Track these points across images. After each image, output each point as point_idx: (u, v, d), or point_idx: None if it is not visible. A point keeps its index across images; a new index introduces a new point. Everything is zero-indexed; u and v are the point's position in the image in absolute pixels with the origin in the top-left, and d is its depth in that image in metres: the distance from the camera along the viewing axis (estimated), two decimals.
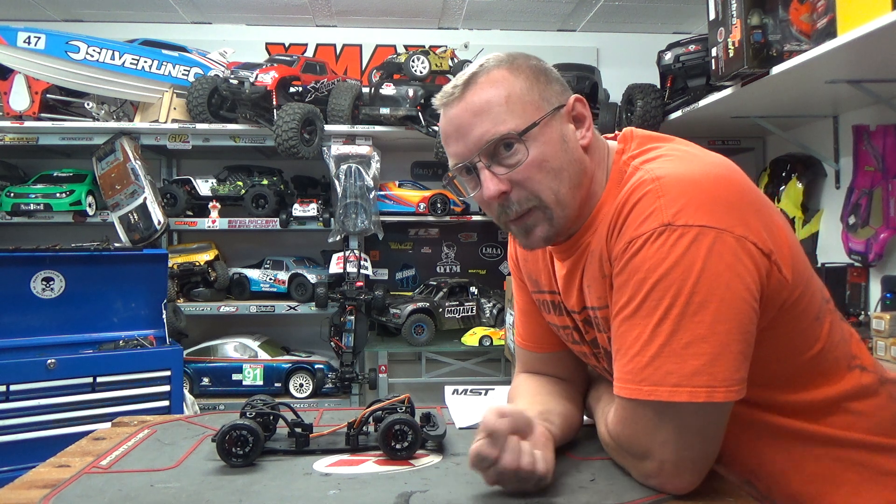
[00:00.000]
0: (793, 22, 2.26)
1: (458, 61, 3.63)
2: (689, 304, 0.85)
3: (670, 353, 0.86)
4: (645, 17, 4.00)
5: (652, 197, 0.89)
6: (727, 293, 0.85)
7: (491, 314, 3.71)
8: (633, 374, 0.89)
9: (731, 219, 0.87)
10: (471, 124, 0.98)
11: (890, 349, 2.20)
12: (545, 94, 1.00)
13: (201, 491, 0.95)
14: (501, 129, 0.96)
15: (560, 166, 0.98)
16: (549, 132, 0.98)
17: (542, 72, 1.02)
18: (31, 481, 1.00)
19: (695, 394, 0.85)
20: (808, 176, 3.09)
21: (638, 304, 0.89)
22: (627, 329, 0.90)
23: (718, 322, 0.85)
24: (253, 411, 1.13)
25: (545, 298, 1.18)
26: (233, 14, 4.00)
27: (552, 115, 0.99)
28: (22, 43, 3.11)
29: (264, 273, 3.71)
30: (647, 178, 0.92)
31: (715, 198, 0.88)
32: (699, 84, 3.05)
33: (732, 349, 0.86)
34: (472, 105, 0.98)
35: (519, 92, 0.98)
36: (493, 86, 0.98)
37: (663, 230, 0.87)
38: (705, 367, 0.85)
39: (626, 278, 0.90)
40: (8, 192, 3.44)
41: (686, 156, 0.97)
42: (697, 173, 0.91)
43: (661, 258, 0.86)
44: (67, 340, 2.63)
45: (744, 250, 0.87)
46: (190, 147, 3.52)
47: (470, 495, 0.93)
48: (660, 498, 0.92)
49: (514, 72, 0.99)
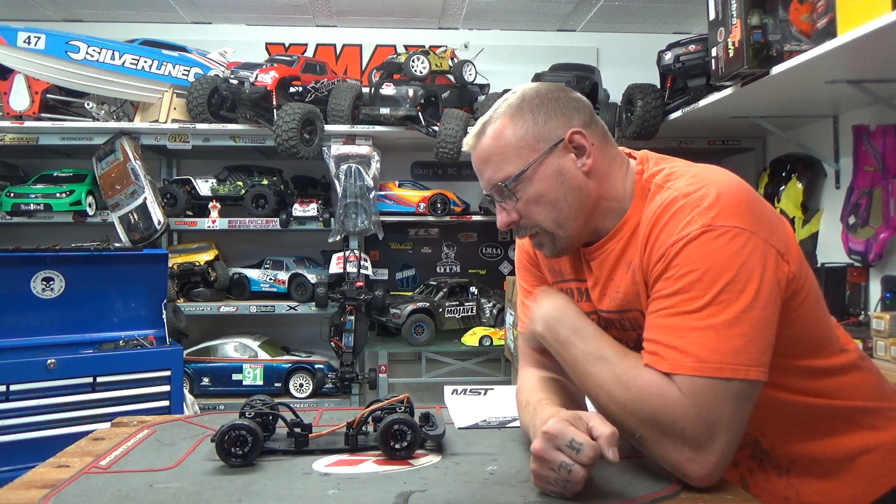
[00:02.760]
0: (793, 22, 2.26)
1: (458, 61, 3.63)
2: (731, 292, 0.96)
3: (715, 334, 0.95)
4: (645, 17, 4.00)
5: (688, 208, 1.01)
6: (761, 284, 0.97)
7: (491, 314, 3.71)
8: (678, 350, 0.96)
9: (757, 224, 0.99)
10: (480, 170, 1.17)
11: (890, 349, 2.20)
12: (543, 133, 1.12)
13: (201, 491, 0.95)
14: (499, 175, 1.13)
15: (556, 198, 1.12)
16: (544, 169, 1.12)
17: (544, 110, 1.13)
18: (31, 481, 1.00)
19: (736, 370, 0.95)
20: (808, 176, 3.09)
21: (683, 296, 0.98)
22: (669, 315, 0.99)
23: (755, 308, 0.96)
24: (252, 411, 1.13)
25: (570, 287, 1.25)
26: (233, 14, 4.00)
27: (548, 152, 1.12)
28: (22, 43, 3.11)
29: (264, 273, 3.71)
30: (678, 195, 1.03)
31: (740, 207, 1.00)
32: (699, 84, 3.05)
33: (765, 334, 0.97)
34: (480, 154, 1.16)
35: (514, 140, 1.12)
36: (494, 138, 1.14)
37: (705, 230, 0.98)
38: (745, 348, 0.95)
39: (669, 274, 0.99)
40: (8, 192, 3.44)
41: (701, 172, 1.08)
42: (721, 187, 1.02)
43: (706, 253, 0.97)
44: (67, 340, 2.63)
45: (770, 251, 0.99)
46: (190, 147, 3.52)
47: (469, 495, 0.93)
48: (659, 496, 0.92)
49: (515, 118, 1.13)
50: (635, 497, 0.92)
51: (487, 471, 1.03)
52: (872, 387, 1.15)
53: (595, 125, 1.15)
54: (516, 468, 1.00)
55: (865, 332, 2.38)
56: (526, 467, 0.98)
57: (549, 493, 0.93)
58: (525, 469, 0.98)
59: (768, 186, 3.25)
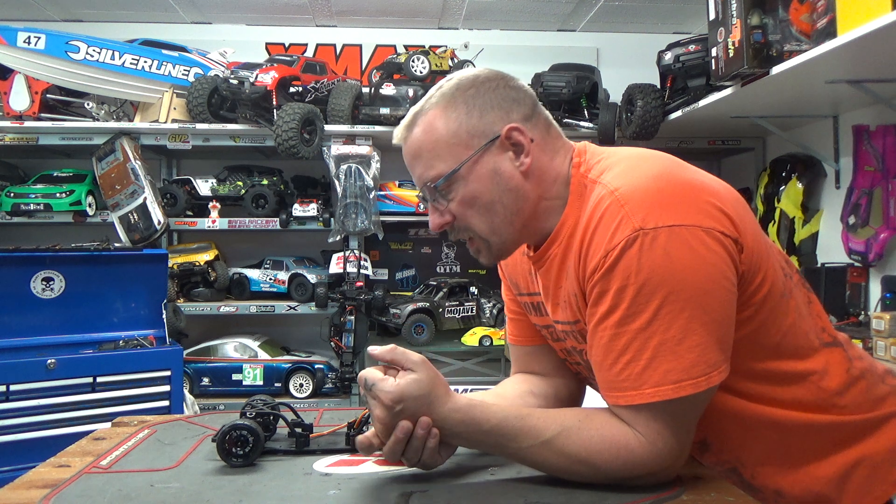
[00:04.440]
0: (793, 22, 2.26)
1: (458, 61, 3.63)
2: (675, 302, 0.88)
3: (666, 351, 0.89)
4: (645, 17, 4.00)
5: (615, 207, 0.92)
6: (708, 285, 0.89)
7: (491, 314, 3.71)
8: (630, 380, 0.91)
9: (695, 212, 0.90)
10: (411, 165, 1.07)
11: (890, 349, 2.20)
12: (478, 128, 1.02)
13: (201, 491, 0.95)
14: (430, 173, 1.03)
15: (491, 200, 1.02)
16: (479, 169, 1.02)
17: (479, 102, 1.02)
18: (31, 481, 1.00)
19: (697, 384, 0.89)
20: (808, 176, 3.09)
21: (624, 312, 0.90)
22: (614, 337, 0.92)
23: (706, 313, 0.89)
24: (253, 411, 1.13)
25: (526, 300, 1.21)
26: (233, 14, 4.00)
27: (483, 150, 1.01)
28: (22, 43, 3.11)
29: (264, 273, 3.71)
30: (605, 193, 0.95)
31: (674, 196, 0.91)
32: (699, 84, 3.05)
33: (719, 335, 0.91)
34: (410, 149, 1.06)
35: (447, 135, 1.02)
36: (426, 131, 1.03)
37: (636, 236, 0.89)
38: (700, 358, 0.89)
39: (606, 288, 0.92)
40: (8, 192, 3.44)
41: (631, 161, 0.99)
42: (650, 177, 0.94)
43: (642, 263, 0.88)
44: (67, 340, 2.63)
45: (714, 240, 0.90)
46: (190, 147, 3.52)
47: (470, 495, 0.93)
48: (660, 497, 0.92)
49: (448, 109, 1.02)
50: (636, 499, 0.92)
51: (488, 471, 1.03)
52: (861, 390, 1.04)
53: (537, 117, 1.06)
54: (517, 469, 1.00)
55: (865, 332, 2.38)
56: (527, 468, 0.98)
57: (412, 466, 0.95)
58: (527, 470, 0.98)
59: (768, 186, 3.26)
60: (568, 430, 0.94)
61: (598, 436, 0.93)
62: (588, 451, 0.93)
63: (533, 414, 0.97)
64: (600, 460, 0.92)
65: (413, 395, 0.93)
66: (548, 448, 0.94)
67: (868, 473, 1.02)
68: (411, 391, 0.93)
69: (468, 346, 3.53)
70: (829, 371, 1.02)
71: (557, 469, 0.95)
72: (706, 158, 4.01)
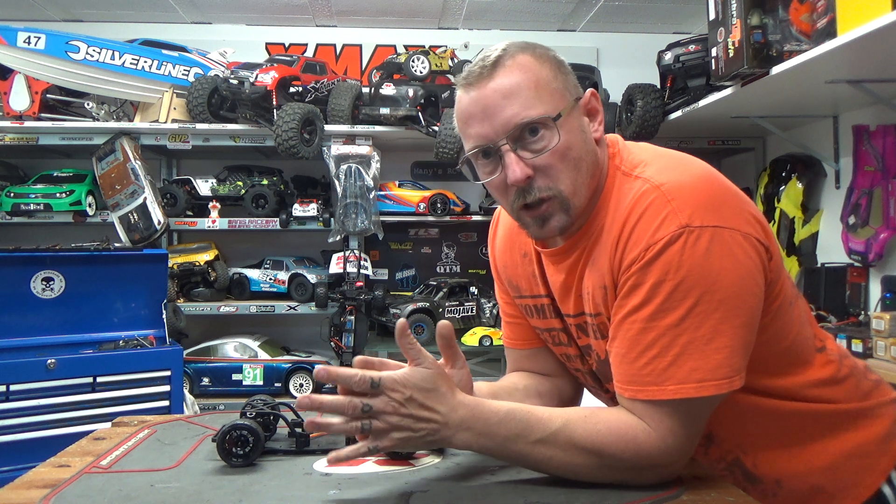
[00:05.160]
0: (793, 22, 2.26)
1: (458, 61, 3.63)
2: (709, 303, 0.89)
3: (694, 350, 0.89)
4: (645, 17, 4.00)
5: (661, 203, 0.91)
6: (741, 289, 0.90)
7: (491, 314, 3.70)
8: (653, 375, 0.91)
9: (737, 217, 0.92)
10: (500, 105, 0.95)
11: (890, 349, 2.20)
12: (567, 83, 1.00)
13: (201, 491, 0.95)
14: (532, 113, 0.95)
15: (580, 156, 0.98)
16: (572, 122, 0.98)
17: (561, 63, 1.02)
18: (31, 481, 1.00)
19: (719, 386, 0.89)
20: (808, 176, 3.09)
21: (657, 307, 0.90)
22: (642, 331, 0.91)
23: (736, 317, 0.89)
24: (253, 411, 1.13)
25: (527, 303, 1.20)
26: (233, 14, 4.00)
27: (573, 105, 0.99)
28: (22, 43, 3.11)
29: (264, 273, 3.71)
30: (649, 187, 0.94)
31: (718, 198, 0.92)
32: (699, 84, 3.05)
33: (746, 340, 0.92)
34: (502, 87, 0.96)
35: (546, 79, 0.97)
36: (523, 70, 0.96)
37: (682, 232, 0.89)
38: (726, 360, 0.89)
39: (641, 281, 0.91)
40: (8, 192, 3.44)
41: (670, 160, 1.00)
42: (695, 176, 0.95)
43: (683, 260, 0.89)
44: (67, 340, 2.63)
45: (751, 246, 0.91)
46: (190, 147, 3.52)
47: (470, 495, 0.93)
48: (660, 497, 0.92)
49: (539, 59, 0.98)
50: (636, 499, 0.92)
51: (489, 471, 1.02)
52: (851, 386, 1.08)
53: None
54: (518, 469, 1.00)
55: (865, 332, 2.38)
56: (527, 469, 0.98)
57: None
58: (527, 470, 0.98)
59: (768, 186, 3.26)
60: (575, 422, 0.94)
61: (606, 427, 0.93)
62: (594, 441, 0.92)
63: (538, 408, 0.97)
64: (607, 451, 0.92)
65: (421, 383, 0.92)
66: (555, 440, 0.92)
67: (859, 463, 1.04)
68: (421, 377, 0.93)
69: (468, 346, 3.53)
70: (825, 374, 1.05)
71: (562, 464, 0.94)
72: (706, 158, 3.88)
